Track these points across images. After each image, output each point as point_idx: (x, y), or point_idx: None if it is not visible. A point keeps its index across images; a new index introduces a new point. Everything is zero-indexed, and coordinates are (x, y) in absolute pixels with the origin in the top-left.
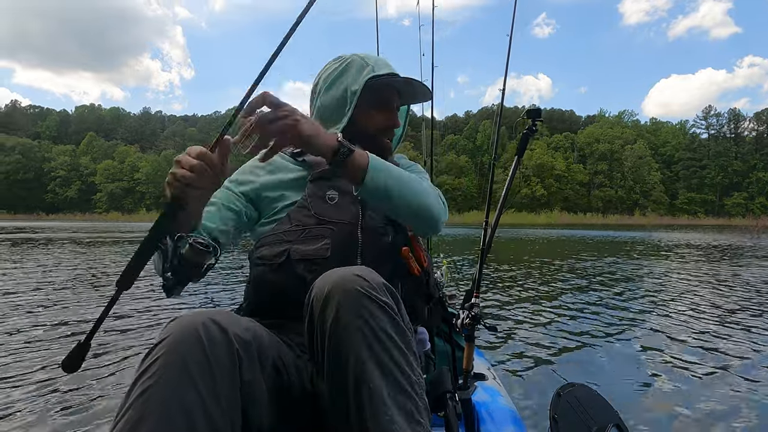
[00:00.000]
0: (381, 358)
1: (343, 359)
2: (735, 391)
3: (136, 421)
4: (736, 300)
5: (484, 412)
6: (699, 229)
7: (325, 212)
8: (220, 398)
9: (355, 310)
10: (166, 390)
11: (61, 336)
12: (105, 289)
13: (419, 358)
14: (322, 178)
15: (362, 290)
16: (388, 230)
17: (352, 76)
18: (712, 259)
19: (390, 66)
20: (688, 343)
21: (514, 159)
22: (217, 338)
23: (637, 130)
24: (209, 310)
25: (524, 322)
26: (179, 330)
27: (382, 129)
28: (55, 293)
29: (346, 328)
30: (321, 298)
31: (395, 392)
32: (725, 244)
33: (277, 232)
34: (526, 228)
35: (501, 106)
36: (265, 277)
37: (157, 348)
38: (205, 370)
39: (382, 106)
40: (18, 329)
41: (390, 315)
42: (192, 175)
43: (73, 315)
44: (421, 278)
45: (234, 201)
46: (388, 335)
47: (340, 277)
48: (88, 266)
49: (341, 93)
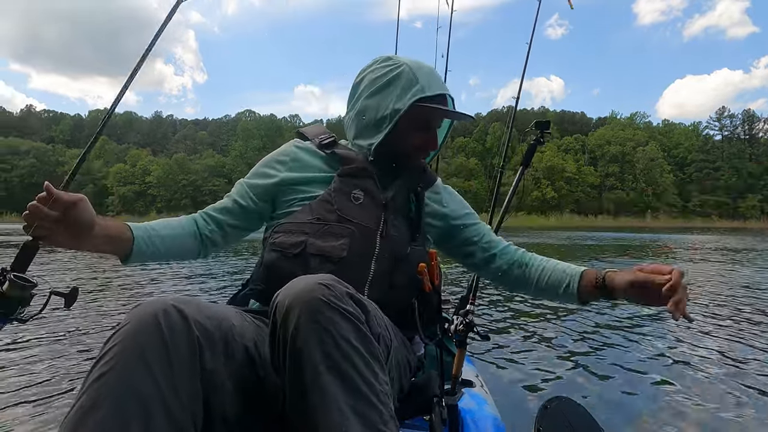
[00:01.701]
0: (341, 367)
1: (301, 368)
2: (724, 408)
3: (89, 407)
4: (730, 311)
5: (470, 419)
6: (711, 231)
7: (348, 211)
8: (178, 386)
9: (315, 319)
10: (120, 377)
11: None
12: (106, 290)
13: (409, 362)
14: (350, 175)
15: (324, 299)
16: (407, 242)
17: (399, 92)
18: (715, 264)
19: (440, 83)
20: (678, 361)
21: (520, 168)
22: (177, 325)
23: (649, 131)
24: (173, 296)
25: (516, 331)
26: (138, 316)
27: (419, 150)
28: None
29: (305, 337)
30: (283, 308)
31: (355, 401)
32: (731, 248)
33: (297, 222)
34: (535, 232)
35: (513, 117)
36: (278, 263)
37: (115, 334)
38: (163, 357)
39: (422, 129)
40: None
41: (354, 324)
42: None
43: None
44: (430, 296)
45: (245, 196)
46: (349, 344)
47: (303, 287)
48: (93, 269)
49: (384, 106)
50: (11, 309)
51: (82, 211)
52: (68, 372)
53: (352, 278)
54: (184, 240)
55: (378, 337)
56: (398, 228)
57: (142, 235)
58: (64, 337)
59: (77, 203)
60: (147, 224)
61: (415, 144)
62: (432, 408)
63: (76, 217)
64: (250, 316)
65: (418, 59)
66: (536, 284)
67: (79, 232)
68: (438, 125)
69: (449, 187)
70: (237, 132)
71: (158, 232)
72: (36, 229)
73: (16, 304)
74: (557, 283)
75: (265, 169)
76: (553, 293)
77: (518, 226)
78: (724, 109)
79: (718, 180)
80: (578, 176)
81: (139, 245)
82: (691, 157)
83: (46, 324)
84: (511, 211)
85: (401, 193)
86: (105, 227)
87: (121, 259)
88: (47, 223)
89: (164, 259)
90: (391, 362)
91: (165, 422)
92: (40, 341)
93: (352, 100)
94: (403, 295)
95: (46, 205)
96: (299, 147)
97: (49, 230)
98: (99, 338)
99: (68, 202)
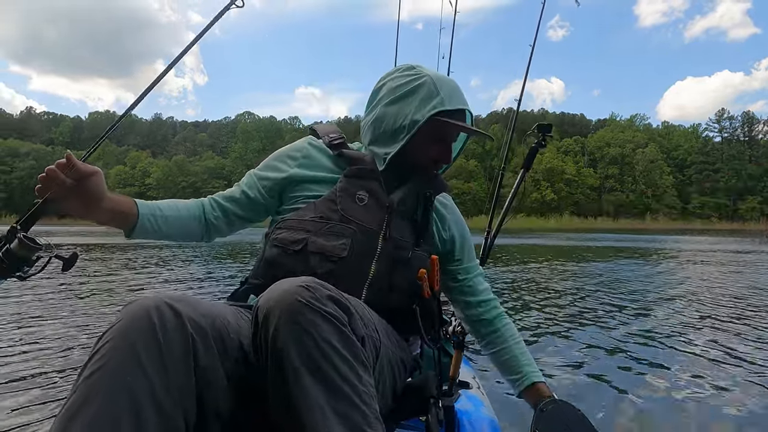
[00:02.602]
0: (321, 368)
1: (282, 370)
2: (724, 410)
3: (81, 404)
4: (732, 314)
5: (466, 420)
6: (710, 233)
7: (351, 211)
8: (171, 382)
9: (295, 321)
10: (112, 374)
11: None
12: (99, 287)
13: (404, 362)
14: (356, 176)
15: (304, 301)
16: (409, 246)
17: (418, 103)
18: (715, 266)
19: (461, 97)
20: (676, 364)
21: (521, 171)
22: (171, 323)
23: (649, 133)
24: (166, 293)
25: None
26: (132, 313)
27: (432, 162)
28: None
29: (285, 339)
30: (264, 310)
31: (338, 403)
32: (729, 249)
33: (299, 219)
34: (534, 234)
35: (515, 119)
36: (279, 259)
37: (109, 331)
38: (156, 355)
39: (439, 141)
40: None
41: (335, 325)
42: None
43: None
44: (429, 301)
45: (253, 188)
46: (331, 345)
47: (285, 289)
48: (94, 270)
49: (402, 116)
50: (14, 267)
51: (95, 184)
52: (57, 366)
53: (351, 278)
54: (189, 223)
55: (362, 338)
56: (402, 231)
57: (147, 213)
58: (55, 331)
59: (92, 175)
60: (155, 203)
61: (430, 156)
62: (428, 409)
63: (89, 187)
64: (245, 313)
65: (421, 62)
66: (493, 354)
67: (89, 203)
68: (454, 139)
69: (458, 210)
70: (236, 134)
71: (164, 212)
72: (46, 192)
73: (20, 263)
74: (508, 372)
75: (277, 162)
76: (503, 372)
77: (517, 228)
78: (723, 111)
79: (717, 182)
80: (578, 178)
81: (143, 222)
82: (690, 159)
83: (36, 314)
84: (511, 214)
85: (409, 196)
86: (114, 201)
87: (125, 234)
88: (60, 189)
89: (167, 238)
90: (381, 363)
91: (156, 418)
92: (30, 336)
93: (370, 105)
94: (402, 299)
95: (63, 171)
96: (312, 144)
97: (61, 195)
98: (92, 332)
99: (85, 172)
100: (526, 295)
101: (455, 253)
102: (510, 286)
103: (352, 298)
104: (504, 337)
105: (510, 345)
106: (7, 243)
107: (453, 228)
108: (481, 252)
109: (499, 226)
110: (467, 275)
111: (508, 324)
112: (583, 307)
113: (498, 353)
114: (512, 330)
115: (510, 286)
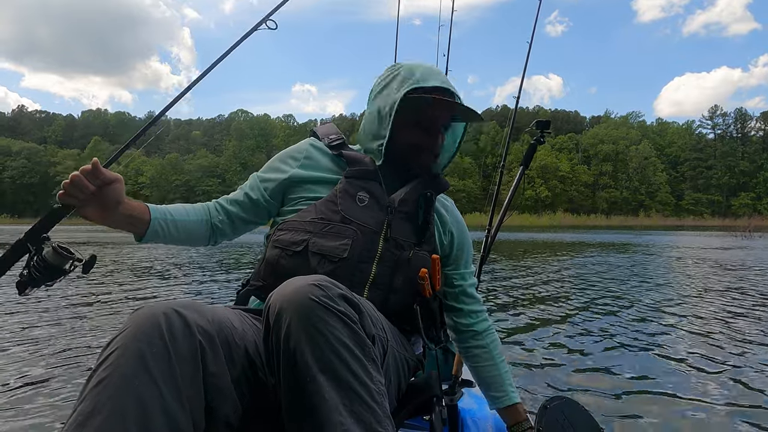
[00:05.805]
0: (334, 368)
1: (295, 370)
2: (726, 408)
3: (89, 412)
4: (734, 311)
5: (469, 419)
6: (701, 230)
7: (351, 212)
8: (180, 390)
9: (307, 320)
10: (120, 382)
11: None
12: (106, 293)
13: (408, 362)
14: (356, 177)
15: (316, 300)
16: (410, 246)
17: (396, 87)
18: (704, 266)
19: (439, 76)
20: (681, 363)
21: (520, 168)
22: (179, 330)
23: (643, 130)
24: (174, 300)
25: (516, 331)
26: (140, 320)
27: (416, 149)
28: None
29: (298, 339)
30: (275, 309)
31: (352, 403)
32: (712, 246)
33: (300, 220)
34: (527, 232)
35: (514, 116)
36: (279, 261)
37: (116, 338)
38: (164, 362)
39: (420, 125)
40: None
41: (347, 324)
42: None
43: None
44: (430, 301)
45: (255, 189)
46: (343, 344)
47: (296, 288)
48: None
49: (384, 105)
50: (47, 276)
51: (115, 190)
52: (63, 372)
53: (352, 279)
54: (196, 227)
55: (372, 337)
56: (403, 231)
57: (158, 218)
58: (60, 336)
59: (114, 182)
60: (165, 208)
61: (411, 141)
62: (432, 408)
63: (109, 194)
64: (249, 317)
65: (419, 59)
66: (476, 367)
67: (107, 208)
68: (442, 126)
69: (459, 214)
70: (230, 132)
71: (174, 216)
72: (69, 197)
73: (55, 272)
74: (491, 388)
75: (279, 163)
76: (484, 387)
77: (509, 225)
78: (716, 107)
79: (710, 178)
80: (572, 175)
81: (154, 227)
82: (684, 155)
83: (39, 319)
84: (511, 211)
85: (410, 196)
86: (130, 207)
87: (136, 239)
88: (82, 195)
89: (176, 243)
90: (388, 362)
91: (165, 427)
92: (36, 342)
93: (366, 108)
94: (404, 298)
95: (89, 178)
96: (314, 145)
97: (82, 200)
98: (97, 339)
99: (108, 179)
100: (521, 289)
101: (453, 257)
102: (506, 283)
103: (361, 297)
104: (492, 354)
105: (497, 363)
106: (37, 253)
107: (453, 231)
108: (482, 247)
109: (499, 223)
110: (463, 282)
111: (496, 340)
112: (580, 303)
113: (484, 368)
114: (498, 347)
115: (506, 283)
